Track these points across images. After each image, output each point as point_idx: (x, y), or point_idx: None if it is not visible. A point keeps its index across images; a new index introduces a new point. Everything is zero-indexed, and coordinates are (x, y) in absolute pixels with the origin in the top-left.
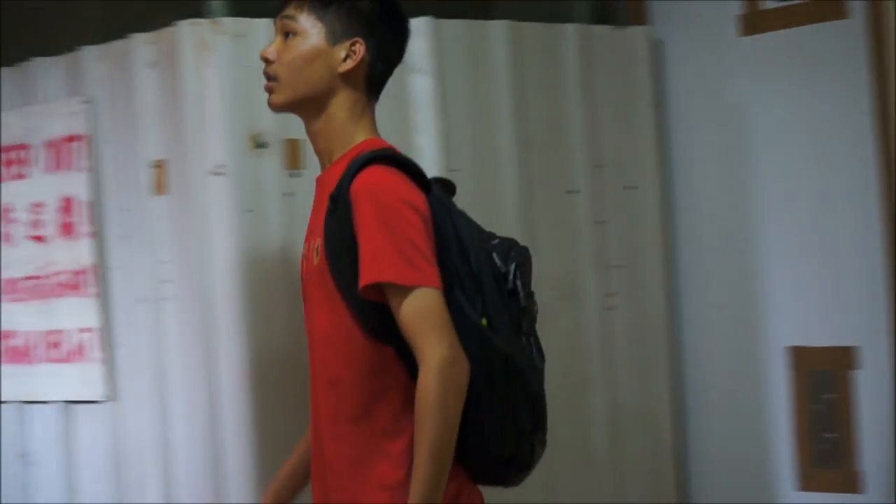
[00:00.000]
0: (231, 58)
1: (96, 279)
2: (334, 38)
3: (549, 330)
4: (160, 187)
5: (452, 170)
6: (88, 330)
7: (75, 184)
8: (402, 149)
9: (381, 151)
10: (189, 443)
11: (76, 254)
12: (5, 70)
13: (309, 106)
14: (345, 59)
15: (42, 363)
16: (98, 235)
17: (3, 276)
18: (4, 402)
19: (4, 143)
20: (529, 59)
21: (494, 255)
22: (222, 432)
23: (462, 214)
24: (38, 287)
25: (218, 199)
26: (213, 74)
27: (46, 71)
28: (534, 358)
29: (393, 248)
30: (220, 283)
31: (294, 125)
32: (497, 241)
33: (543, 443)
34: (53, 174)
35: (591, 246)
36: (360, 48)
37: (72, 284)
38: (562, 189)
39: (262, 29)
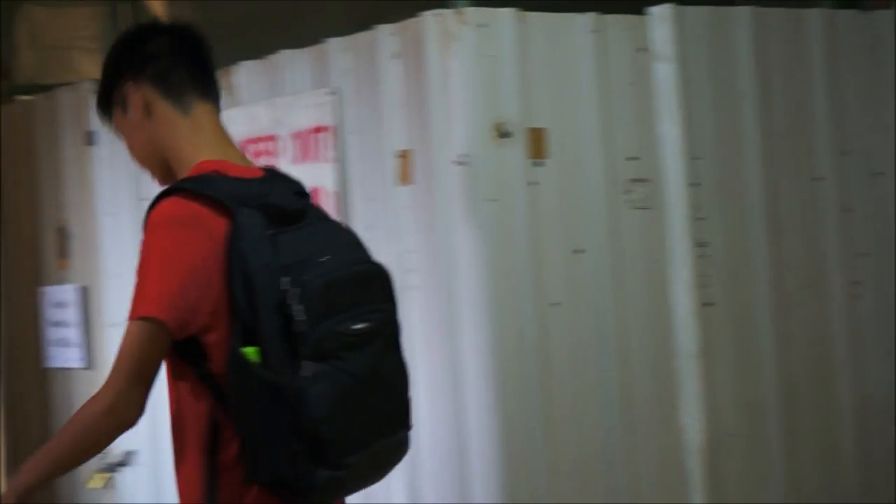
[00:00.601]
0: (475, 47)
1: None
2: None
3: (794, 319)
4: (405, 177)
5: (696, 157)
6: None
7: (322, 174)
8: (644, 136)
9: (180, 182)
10: (433, 430)
11: None
12: (253, 63)
13: None
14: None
15: None
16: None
17: None
18: None
19: (253, 134)
20: (773, 45)
21: (287, 280)
22: (466, 420)
23: (283, 236)
24: None
25: (462, 188)
26: (457, 64)
27: (293, 63)
28: (314, 382)
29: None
30: (464, 273)
31: (538, 114)
32: (306, 275)
33: (345, 467)
34: (301, 165)
35: (836, 234)
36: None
37: None
38: (807, 176)
39: (504, 18)
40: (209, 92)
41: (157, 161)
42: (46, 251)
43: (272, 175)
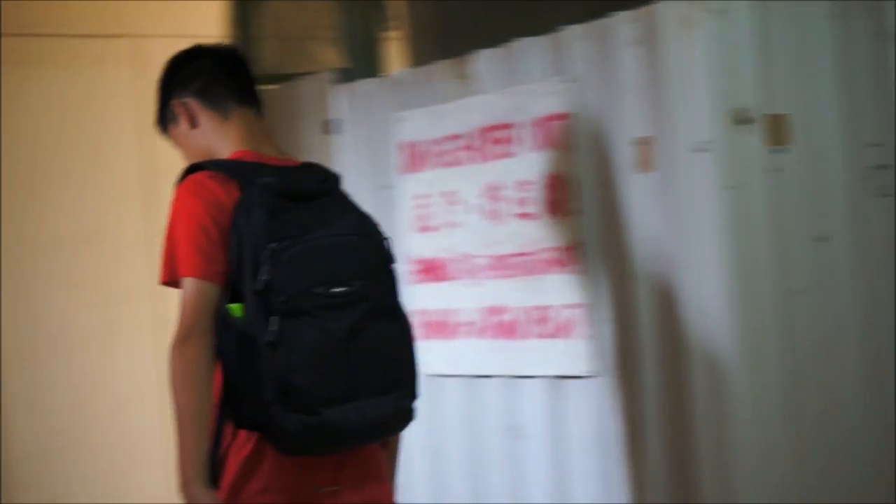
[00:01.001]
0: (714, 34)
1: (582, 256)
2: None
3: None
4: (643, 164)
5: None
6: (575, 306)
7: (560, 161)
8: (885, 122)
9: (200, 162)
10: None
11: (562, 231)
12: (491, 51)
13: None
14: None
15: (530, 339)
16: (582, 212)
17: (492, 252)
18: (493, 376)
19: (490, 122)
20: None
21: (266, 249)
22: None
23: (278, 208)
24: (526, 264)
25: (701, 175)
26: (696, 51)
27: (530, 51)
28: (277, 337)
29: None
30: (704, 260)
31: (779, 101)
32: (292, 235)
33: (317, 414)
34: (538, 152)
35: None
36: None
37: (558, 261)
38: None
39: (743, 6)
40: (248, 100)
41: (204, 158)
42: None
43: (304, 166)
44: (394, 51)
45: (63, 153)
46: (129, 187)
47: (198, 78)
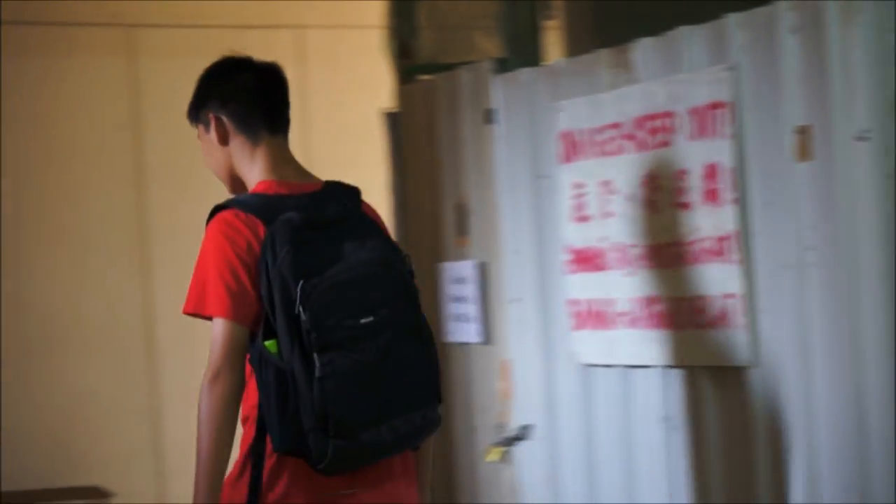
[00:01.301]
0: (877, 21)
1: (739, 246)
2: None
3: None
4: (804, 153)
5: None
6: (732, 296)
7: (719, 151)
8: None
9: (227, 200)
10: (831, 411)
11: (720, 220)
12: (651, 40)
13: None
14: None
15: (686, 329)
16: (741, 202)
17: (648, 242)
18: (648, 366)
19: (649, 111)
20: None
21: (297, 288)
22: (867, 400)
23: (329, 233)
24: (683, 253)
25: (863, 164)
26: (857, 39)
27: (691, 39)
28: (316, 369)
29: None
30: (866, 251)
31: None
32: (321, 268)
33: (355, 438)
34: (697, 141)
35: None
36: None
37: (715, 251)
38: None
39: None
40: (278, 127)
41: (227, 176)
42: (446, 228)
43: (325, 188)
44: (552, 40)
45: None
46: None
47: (238, 99)
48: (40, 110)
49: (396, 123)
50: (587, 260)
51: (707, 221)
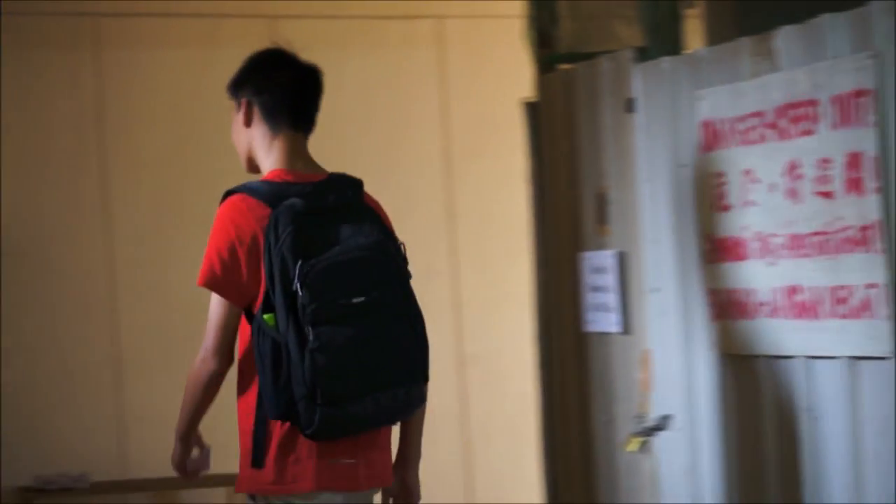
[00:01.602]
0: None
1: (882, 235)
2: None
3: None
4: None
5: None
6: (874, 286)
7: (862, 139)
8: None
9: (238, 186)
10: None
11: (863, 209)
12: (792, 28)
13: None
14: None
15: (828, 319)
16: (884, 191)
17: (790, 231)
18: (790, 357)
19: (791, 99)
20: None
21: (296, 267)
22: None
23: (328, 219)
24: (825, 243)
25: None
26: None
27: (834, 27)
28: (310, 342)
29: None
30: None
31: None
32: (320, 249)
33: (341, 408)
34: (840, 130)
35: None
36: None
37: (858, 240)
38: None
39: None
40: (300, 125)
41: (245, 155)
42: (586, 217)
43: (330, 178)
44: (693, 28)
45: (363, 134)
46: (430, 167)
47: (270, 91)
48: (182, 101)
49: (536, 113)
50: (728, 249)
51: (850, 211)
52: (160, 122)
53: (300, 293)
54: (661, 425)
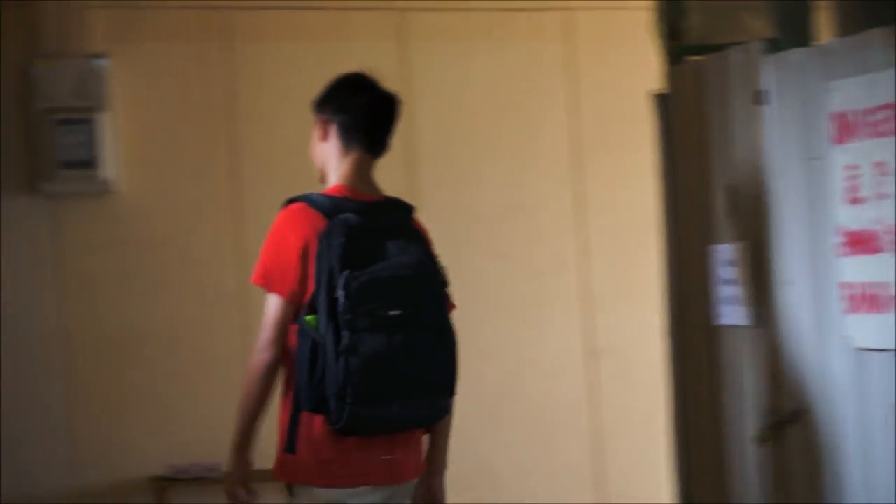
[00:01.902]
0: None
1: None
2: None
3: None
4: None
5: None
6: None
7: None
8: None
9: (300, 195)
10: None
11: None
12: None
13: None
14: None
15: None
16: None
17: None
18: None
19: None
20: None
21: (341, 276)
22: None
23: (376, 236)
24: None
25: None
26: None
27: None
28: (346, 346)
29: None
30: None
31: None
32: (361, 263)
33: (369, 409)
34: None
35: None
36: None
37: None
38: None
39: None
40: (372, 147)
41: (318, 166)
42: (716, 210)
43: (385, 201)
44: (823, 20)
45: (491, 127)
46: (559, 160)
47: (348, 112)
48: (314, 93)
49: (665, 105)
50: (861, 242)
51: None
52: (290, 115)
53: (341, 300)
54: (792, 419)
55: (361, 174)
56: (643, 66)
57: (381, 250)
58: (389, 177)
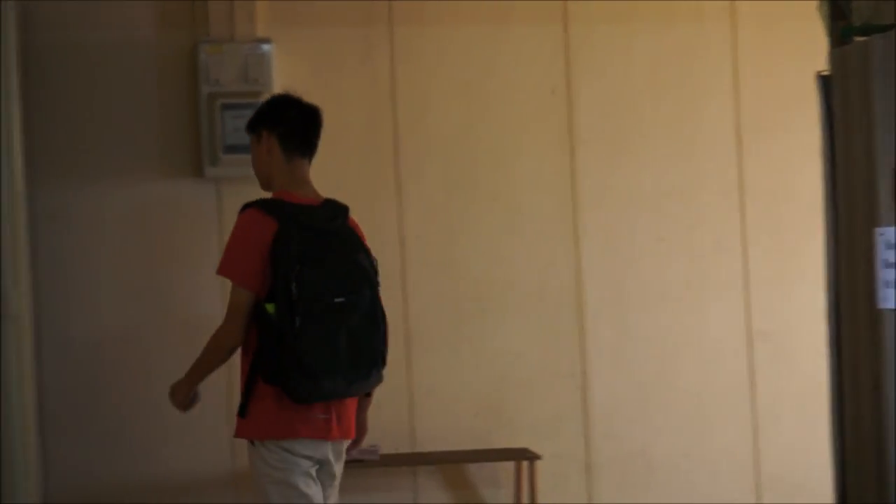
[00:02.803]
0: None
1: None
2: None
3: None
4: None
5: None
6: None
7: None
8: None
9: (255, 201)
10: None
11: None
12: None
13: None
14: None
15: None
16: None
17: None
18: None
19: None
20: None
21: (295, 271)
22: None
23: (320, 235)
24: None
25: None
26: None
27: None
28: (298, 329)
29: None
30: None
31: None
32: (312, 258)
33: (318, 382)
34: None
35: None
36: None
37: None
38: None
39: None
40: (306, 152)
41: (264, 178)
42: (881, 192)
43: (325, 203)
44: None
45: (652, 108)
46: (720, 143)
47: (285, 124)
48: (473, 77)
49: (830, 87)
50: None
51: None
52: (452, 100)
53: (294, 291)
54: None
55: (304, 179)
56: (808, 48)
57: (326, 247)
58: (550, 160)
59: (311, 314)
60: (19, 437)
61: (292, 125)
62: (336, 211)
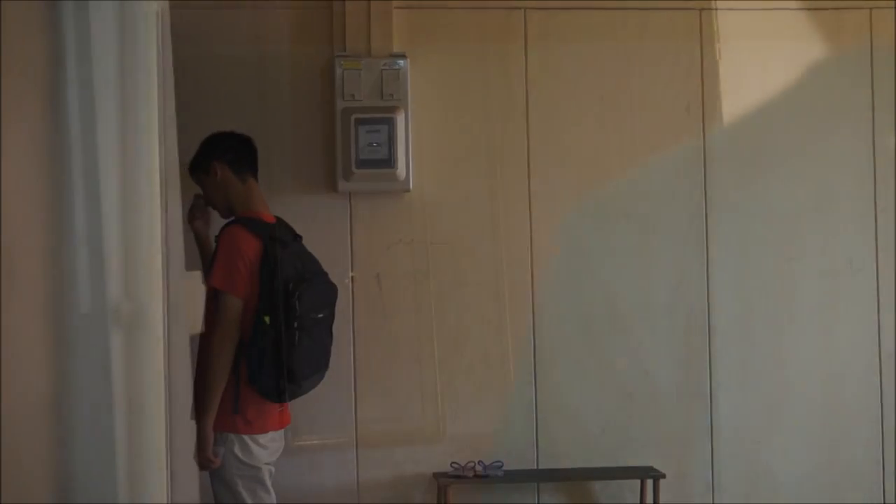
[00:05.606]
0: None
1: None
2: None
3: None
4: None
5: None
6: None
7: None
8: None
9: (236, 219)
10: None
11: None
12: None
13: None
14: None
15: None
16: None
17: None
18: None
19: None
20: None
21: (291, 283)
22: None
23: (294, 253)
24: None
25: None
26: None
27: None
28: (296, 340)
29: (218, 269)
30: None
31: None
32: (305, 278)
33: (298, 385)
34: None
35: None
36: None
37: None
38: None
39: None
40: (255, 172)
41: (223, 206)
42: None
43: (278, 221)
44: None
45: (787, 126)
46: (855, 159)
47: (232, 151)
48: (607, 93)
49: None
50: None
51: None
52: (585, 115)
53: (297, 307)
54: None
55: (261, 197)
56: None
57: (301, 264)
58: (683, 176)
59: (302, 327)
60: None
61: (238, 150)
62: (289, 227)
